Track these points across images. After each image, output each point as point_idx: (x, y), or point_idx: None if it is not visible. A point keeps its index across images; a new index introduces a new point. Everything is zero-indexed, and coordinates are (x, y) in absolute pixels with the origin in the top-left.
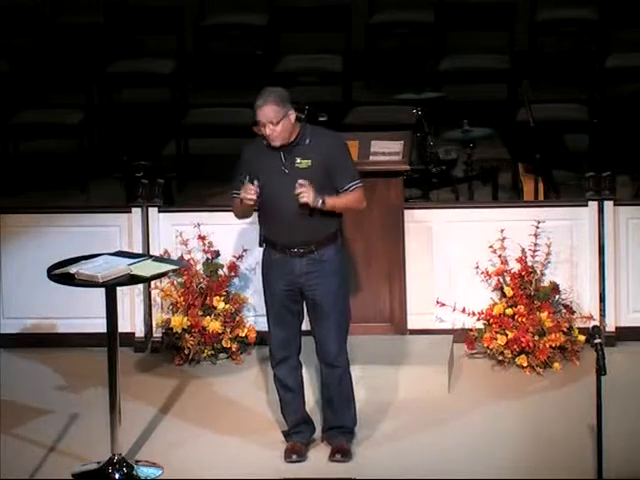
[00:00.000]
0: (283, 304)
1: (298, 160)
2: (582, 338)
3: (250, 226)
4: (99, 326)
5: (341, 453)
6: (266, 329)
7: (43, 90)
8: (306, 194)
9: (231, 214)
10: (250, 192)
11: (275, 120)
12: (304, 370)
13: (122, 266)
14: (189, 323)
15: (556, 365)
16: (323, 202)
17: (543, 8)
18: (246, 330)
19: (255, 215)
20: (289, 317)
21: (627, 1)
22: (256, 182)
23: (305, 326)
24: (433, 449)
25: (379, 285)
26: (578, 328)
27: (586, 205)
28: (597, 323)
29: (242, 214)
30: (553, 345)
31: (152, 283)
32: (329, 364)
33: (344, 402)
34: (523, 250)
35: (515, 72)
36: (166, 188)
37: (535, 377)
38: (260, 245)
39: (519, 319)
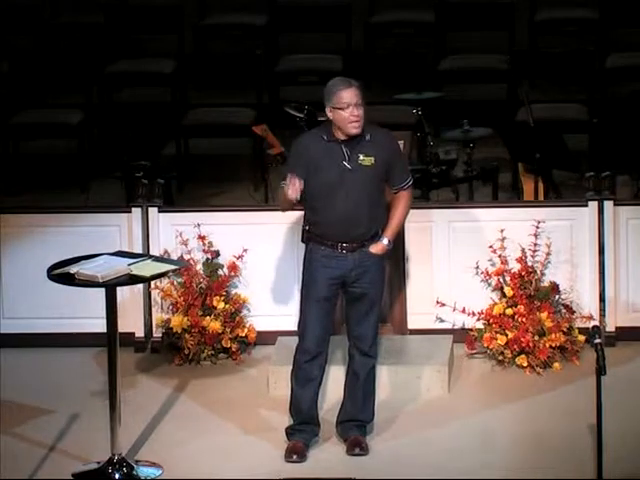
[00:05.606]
0: (327, 298)
1: (361, 157)
2: (582, 338)
3: (250, 226)
4: (99, 326)
5: (359, 447)
6: (266, 329)
7: (43, 90)
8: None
9: (231, 214)
10: (294, 188)
11: (360, 102)
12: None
13: (122, 266)
14: (189, 323)
15: (556, 365)
16: (389, 242)
17: (543, 8)
18: (246, 330)
19: (247, 215)
20: (331, 311)
21: (627, 1)
22: (301, 180)
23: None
24: (433, 449)
25: None
26: (578, 328)
27: (586, 205)
28: (597, 323)
29: (287, 206)
30: (553, 345)
31: (152, 283)
32: (365, 353)
33: (367, 395)
34: (523, 250)
35: (515, 72)
36: (166, 188)
37: (535, 377)
38: (303, 241)
39: (519, 319)
